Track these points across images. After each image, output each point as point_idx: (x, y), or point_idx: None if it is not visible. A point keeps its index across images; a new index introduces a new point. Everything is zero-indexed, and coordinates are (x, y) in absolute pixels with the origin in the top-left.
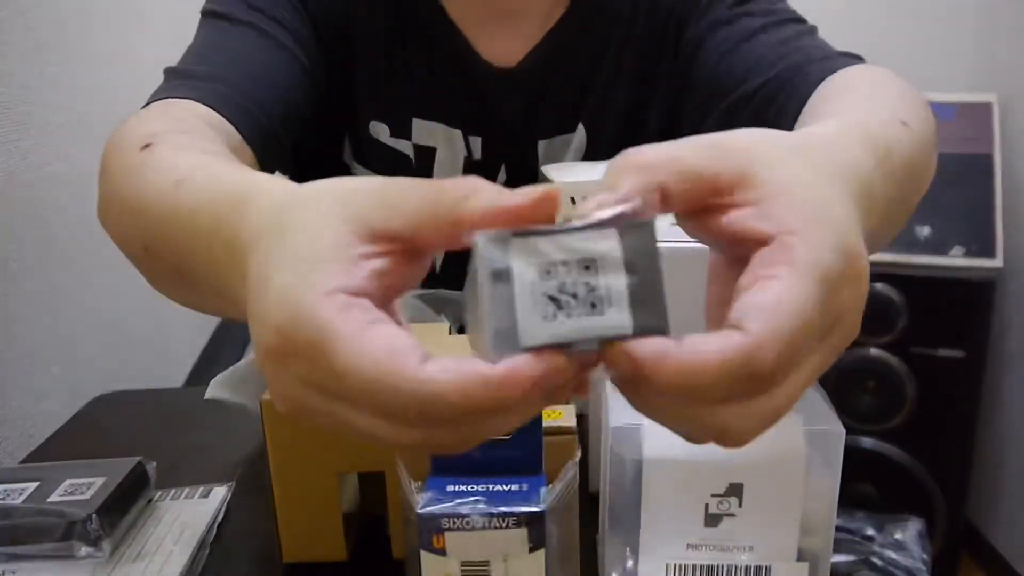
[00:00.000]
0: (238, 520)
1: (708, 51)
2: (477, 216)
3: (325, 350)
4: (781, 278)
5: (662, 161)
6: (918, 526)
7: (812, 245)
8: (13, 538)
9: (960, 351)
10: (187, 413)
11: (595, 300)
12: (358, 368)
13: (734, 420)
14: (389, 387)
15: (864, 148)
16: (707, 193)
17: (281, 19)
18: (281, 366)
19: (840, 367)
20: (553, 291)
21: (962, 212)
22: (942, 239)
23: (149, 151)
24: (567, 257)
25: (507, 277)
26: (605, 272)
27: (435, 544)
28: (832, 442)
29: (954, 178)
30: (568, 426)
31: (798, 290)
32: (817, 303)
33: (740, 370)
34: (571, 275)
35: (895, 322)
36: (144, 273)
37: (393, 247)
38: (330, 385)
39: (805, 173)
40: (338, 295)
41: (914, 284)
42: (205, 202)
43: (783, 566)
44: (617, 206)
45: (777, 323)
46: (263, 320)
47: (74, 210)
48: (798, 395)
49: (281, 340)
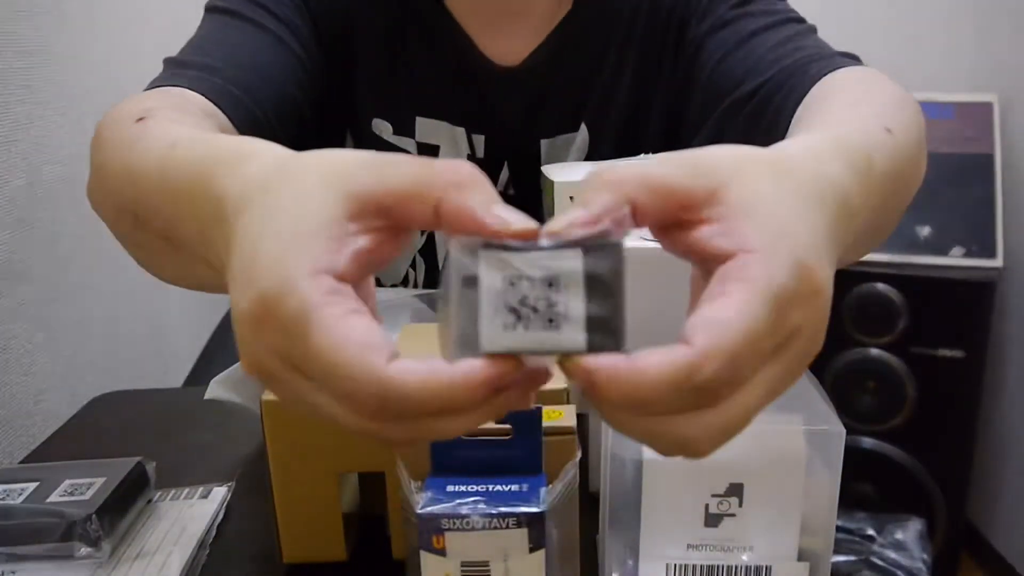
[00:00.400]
0: (238, 520)
1: (709, 51)
2: (460, 214)
3: (303, 330)
4: (731, 295)
5: (633, 178)
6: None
7: (767, 263)
8: (13, 538)
9: (960, 351)
10: (187, 413)
11: (553, 316)
12: (330, 355)
13: (691, 431)
14: (355, 379)
15: (843, 162)
16: (677, 209)
17: (281, 16)
18: (256, 332)
19: (840, 367)
20: (515, 303)
21: (962, 212)
22: (942, 239)
23: (144, 123)
24: (532, 273)
25: (475, 284)
26: (567, 290)
27: (435, 544)
28: (832, 442)
29: (954, 178)
30: (568, 426)
31: (746, 307)
32: (765, 320)
33: (683, 383)
34: (534, 290)
35: (895, 322)
36: (131, 248)
37: (378, 223)
38: (300, 362)
39: (774, 191)
40: (324, 277)
41: (914, 284)
42: (197, 161)
43: (783, 566)
44: (585, 227)
45: (721, 338)
46: (246, 285)
47: (74, 210)
48: (757, 408)
49: (262, 309)
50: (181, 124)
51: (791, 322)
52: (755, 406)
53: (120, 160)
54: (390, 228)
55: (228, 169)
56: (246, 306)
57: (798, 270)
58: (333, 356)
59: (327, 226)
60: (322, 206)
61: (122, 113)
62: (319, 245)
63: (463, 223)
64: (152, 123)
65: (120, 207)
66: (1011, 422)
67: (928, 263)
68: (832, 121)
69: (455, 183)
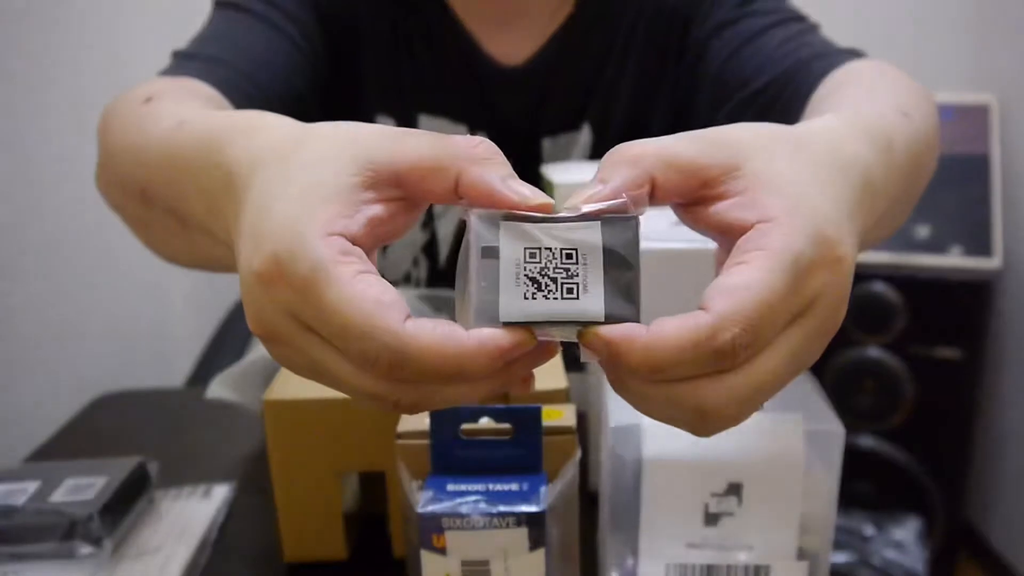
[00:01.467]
0: (239, 520)
1: (714, 51)
2: (479, 187)
3: (317, 286)
4: (750, 262)
5: (652, 154)
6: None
7: (786, 232)
8: (15, 537)
9: (958, 351)
10: (187, 413)
11: (572, 286)
12: (345, 310)
13: (711, 397)
14: (370, 335)
15: (864, 141)
16: (697, 185)
17: (289, 12)
18: (268, 291)
19: (839, 367)
20: (535, 273)
21: (960, 212)
22: (940, 239)
23: (151, 104)
24: (551, 244)
25: (495, 255)
26: (585, 261)
27: (435, 543)
28: (831, 441)
29: (953, 178)
30: (568, 426)
31: (765, 273)
32: (784, 285)
33: (702, 346)
34: (553, 261)
35: (893, 322)
36: (138, 229)
37: (393, 193)
38: (313, 320)
39: (793, 164)
40: (338, 238)
41: (912, 284)
42: (206, 133)
43: (782, 565)
44: (605, 201)
45: (739, 302)
46: (259, 245)
47: (76, 211)
48: (780, 375)
49: (276, 267)
50: (189, 105)
51: (810, 288)
52: (777, 373)
53: (127, 140)
54: (403, 200)
55: (239, 138)
56: (258, 265)
57: (817, 237)
58: (348, 312)
59: (343, 191)
60: (338, 172)
61: (129, 97)
62: (334, 208)
63: (483, 196)
64: (159, 104)
65: (127, 187)
66: (1009, 421)
67: (926, 263)
68: (849, 106)
69: (474, 157)
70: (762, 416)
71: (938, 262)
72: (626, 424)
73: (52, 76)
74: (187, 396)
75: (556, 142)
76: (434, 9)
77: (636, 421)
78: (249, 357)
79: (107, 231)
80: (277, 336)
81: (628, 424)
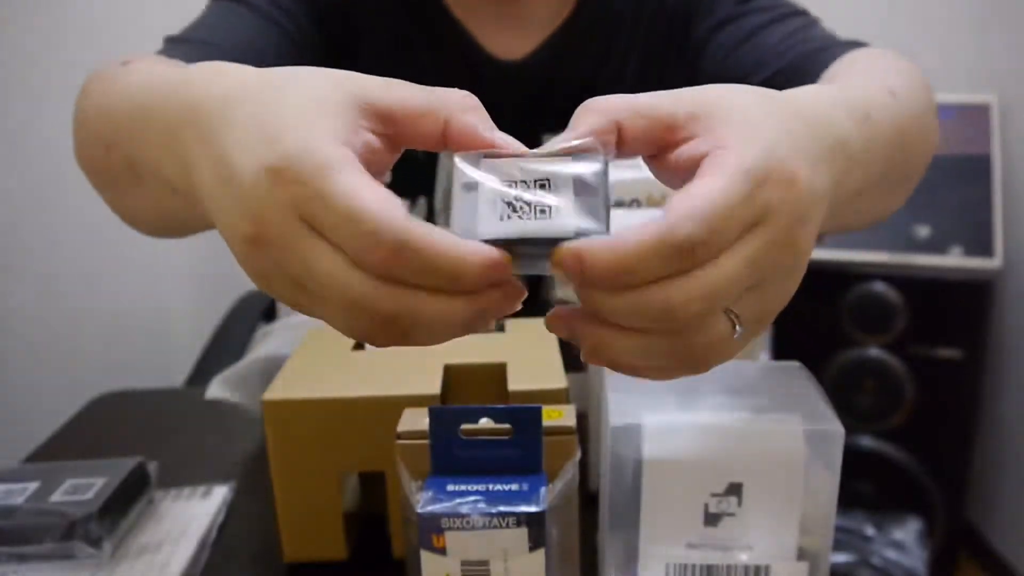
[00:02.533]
0: (239, 520)
1: (715, 48)
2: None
3: (330, 178)
4: (704, 176)
5: (618, 102)
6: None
7: (739, 152)
8: (14, 538)
9: (959, 351)
10: (187, 413)
11: (545, 208)
12: (355, 199)
13: (675, 295)
14: (376, 219)
15: (840, 108)
16: (662, 130)
17: (285, 6)
18: (276, 185)
19: (839, 367)
20: (510, 199)
21: (961, 212)
22: (941, 239)
23: (128, 65)
24: (526, 177)
25: (475, 188)
26: (557, 188)
27: (435, 544)
28: (832, 442)
29: (953, 178)
30: (568, 426)
31: (717, 179)
32: (736, 191)
33: (661, 245)
34: (528, 190)
35: (894, 322)
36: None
37: (383, 129)
38: (318, 209)
39: (755, 108)
40: (344, 147)
41: (913, 284)
42: (173, 75)
43: (783, 565)
44: (574, 140)
45: (695, 203)
46: (266, 145)
47: (76, 211)
48: (741, 278)
49: (284, 163)
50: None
51: (763, 199)
52: (738, 274)
53: (100, 98)
54: (390, 140)
55: (208, 76)
56: (268, 159)
57: (770, 156)
58: (358, 199)
59: (346, 110)
60: (337, 98)
61: (109, 62)
62: (339, 123)
63: (468, 139)
64: (137, 64)
65: (96, 145)
66: (1009, 421)
67: (927, 263)
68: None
69: (464, 106)
70: (762, 417)
71: (938, 262)
72: (626, 424)
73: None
74: (187, 396)
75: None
76: (433, 7)
77: (636, 421)
78: (249, 357)
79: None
80: (271, 236)
81: (628, 424)
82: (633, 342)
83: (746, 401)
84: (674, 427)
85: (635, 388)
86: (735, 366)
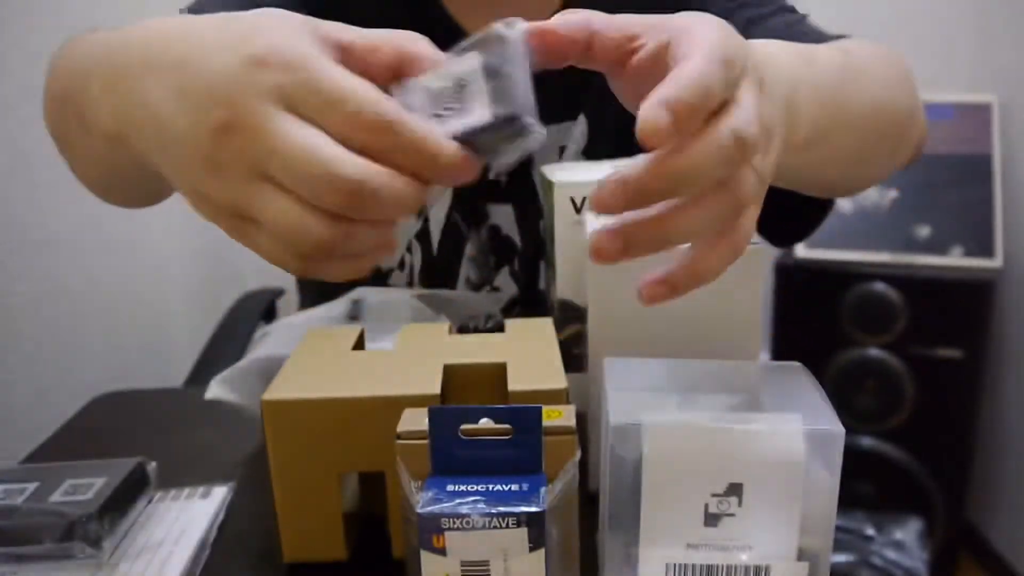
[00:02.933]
0: (238, 520)
1: None
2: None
3: (316, 64)
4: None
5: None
6: (918, 526)
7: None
8: (13, 538)
9: (959, 351)
10: (187, 413)
11: (466, 108)
12: (341, 80)
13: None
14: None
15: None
16: (626, 40)
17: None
18: (258, 72)
19: (839, 367)
20: (438, 110)
21: (961, 212)
22: (941, 239)
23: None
24: (444, 83)
25: (410, 109)
26: (471, 85)
27: (435, 544)
28: (832, 442)
29: (953, 178)
30: (568, 426)
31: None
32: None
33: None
34: (450, 95)
35: (894, 322)
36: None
37: (342, 59)
38: (305, 91)
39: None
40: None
41: (913, 284)
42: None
43: (783, 566)
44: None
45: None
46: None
47: (76, 211)
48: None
49: (270, 50)
50: None
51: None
52: (756, 104)
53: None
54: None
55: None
56: (249, 50)
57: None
58: (344, 81)
59: (310, 32)
60: (298, 24)
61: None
62: (310, 37)
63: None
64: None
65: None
66: (1010, 421)
67: (927, 263)
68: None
69: (412, 38)
70: (762, 416)
71: (939, 262)
72: (626, 424)
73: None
74: (187, 396)
75: (551, 130)
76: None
77: (636, 421)
78: (249, 357)
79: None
80: (244, 122)
81: (628, 424)
82: (689, 212)
83: (746, 401)
84: (674, 427)
85: (635, 388)
86: (735, 366)
